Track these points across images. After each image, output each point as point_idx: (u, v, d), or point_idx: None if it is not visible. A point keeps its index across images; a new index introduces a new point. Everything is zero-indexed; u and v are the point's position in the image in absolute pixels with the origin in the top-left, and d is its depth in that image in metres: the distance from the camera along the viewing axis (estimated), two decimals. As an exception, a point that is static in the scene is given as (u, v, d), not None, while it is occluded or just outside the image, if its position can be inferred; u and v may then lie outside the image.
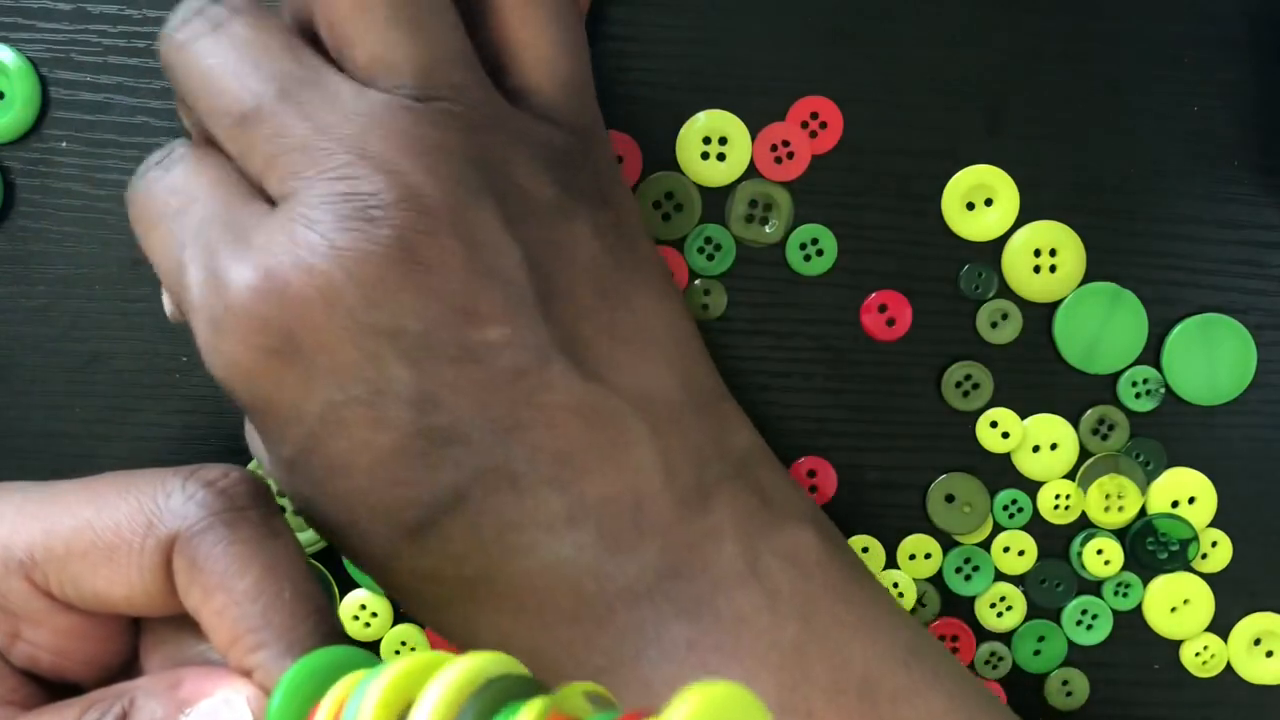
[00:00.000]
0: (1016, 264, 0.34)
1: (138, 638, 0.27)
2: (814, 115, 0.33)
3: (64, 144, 0.33)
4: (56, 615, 0.25)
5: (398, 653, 0.36)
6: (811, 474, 0.35)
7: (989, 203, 0.34)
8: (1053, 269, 0.34)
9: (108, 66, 0.32)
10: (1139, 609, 0.36)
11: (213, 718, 0.23)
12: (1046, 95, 0.34)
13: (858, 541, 0.36)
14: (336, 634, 0.25)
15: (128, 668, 0.27)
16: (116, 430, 0.35)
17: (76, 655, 0.26)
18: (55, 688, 0.26)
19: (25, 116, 0.32)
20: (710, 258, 0.34)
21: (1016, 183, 0.34)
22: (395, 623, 0.36)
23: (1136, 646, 0.37)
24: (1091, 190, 0.34)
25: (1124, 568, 0.36)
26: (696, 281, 0.34)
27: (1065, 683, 0.37)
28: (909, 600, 0.36)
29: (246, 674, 0.24)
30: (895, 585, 0.36)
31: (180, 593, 0.24)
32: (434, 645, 0.36)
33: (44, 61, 0.32)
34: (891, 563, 0.36)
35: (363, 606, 0.36)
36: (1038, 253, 0.34)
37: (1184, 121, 0.34)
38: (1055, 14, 0.33)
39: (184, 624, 0.26)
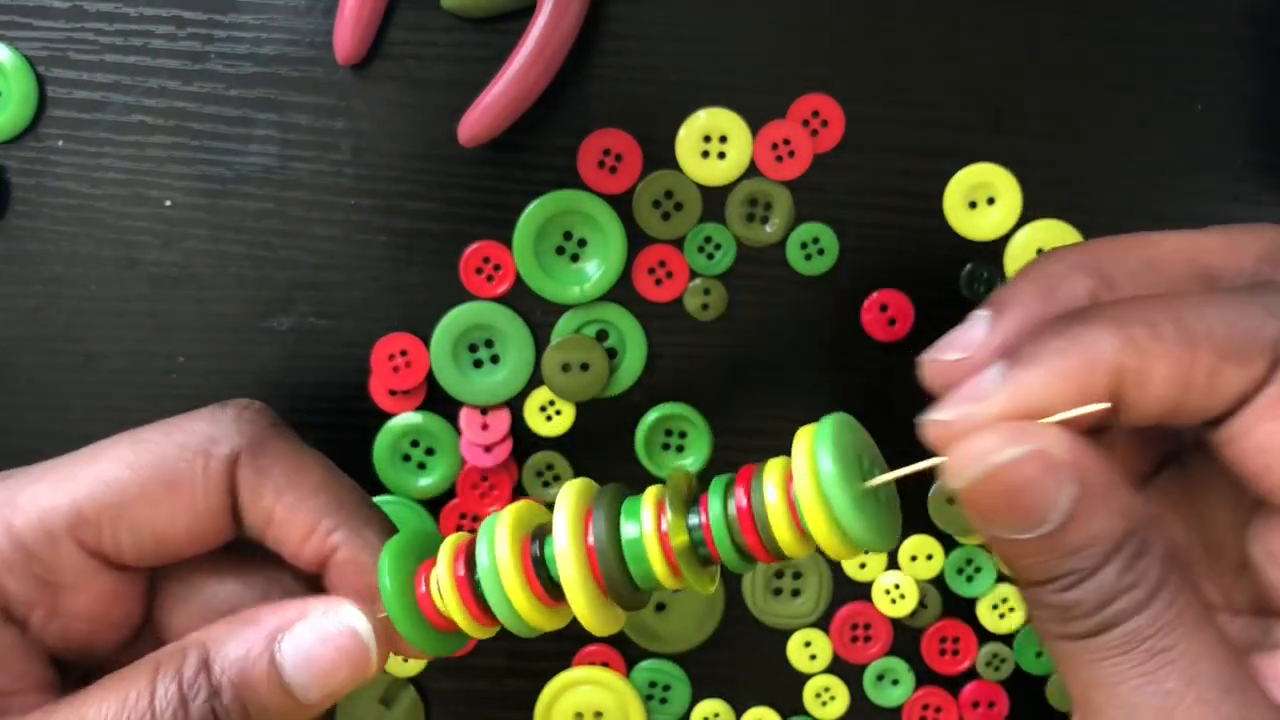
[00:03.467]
0: (1019, 263, 0.34)
1: (153, 600, 0.28)
2: (815, 114, 0.33)
3: (60, 142, 0.33)
4: (100, 577, 0.26)
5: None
6: (812, 475, 0.35)
7: (991, 202, 0.34)
8: (1054, 268, 0.34)
9: (104, 65, 0.32)
10: (1141, 610, 0.36)
11: (319, 632, 0.24)
12: (1048, 94, 0.34)
13: (859, 542, 0.36)
14: (388, 518, 0.27)
15: (141, 631, 0.27)
16: (112, 429, 0.34)
17: (111, 618, 0.26)
18: (70, 675, 0.26)
19: (21, 115, 0.32)
20: (710, 257, 0.34)
21: (1018, 181, 0.34)
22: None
23: (1139, 648, 0.37)
24: (1093, 189, 0.34)
25: (1126, 569, 0.36)
26: (696, 281, 0.34)
27: (1067, 685, 0.37)
28: (910, 602, 0.36)
29: (325, 560, 0.26)
30: (897, 586, 0.36)
31: (246, 505, 0.26)
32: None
33: (40, 59, 0.32)
34: (893, 563, 0.36)
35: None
36: (1040, 252, 0.34)
37: (1185, 121, 0.34)
38: (1056, 14, 0.33)
39: (201, 578, 0.27)
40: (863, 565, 0.36)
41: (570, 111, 0.33)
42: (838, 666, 0.37)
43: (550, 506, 0.24)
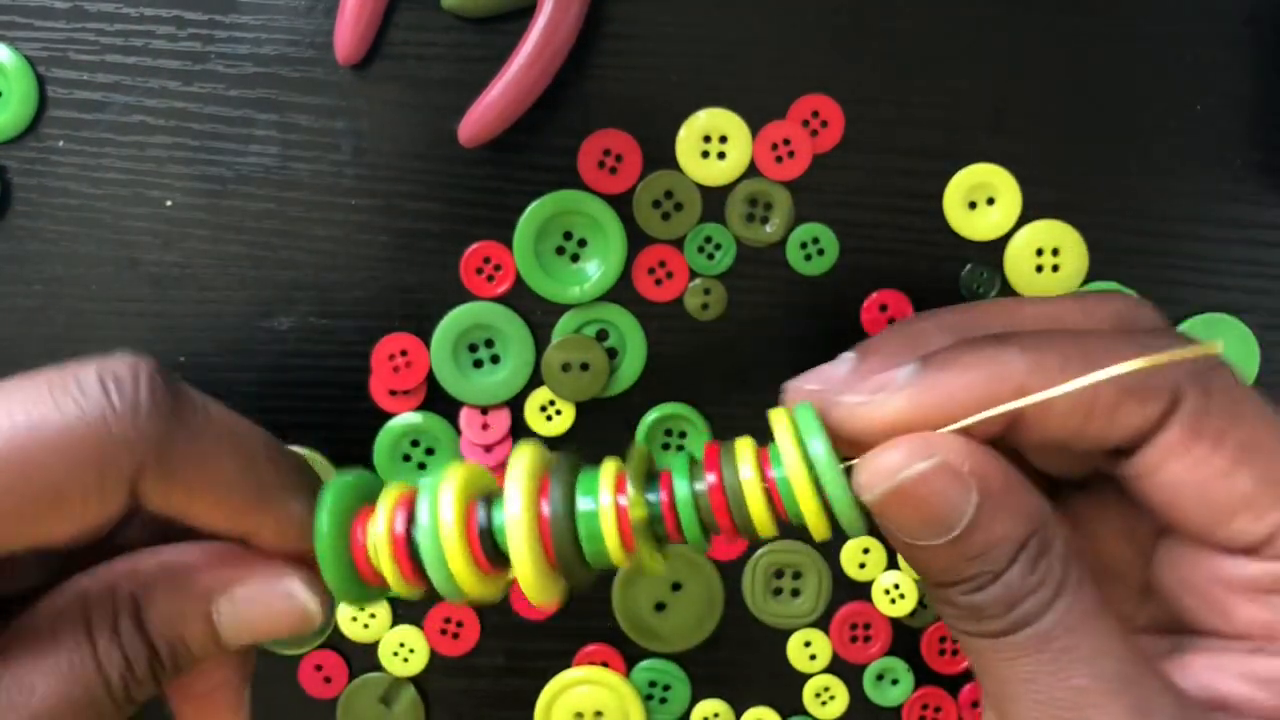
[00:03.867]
0: (1018, 263, 0.34)
1: None
2: (815, 114, 0.33)
3: (61, 143, 0.33)
4: None
5: (395, 653, 0.36)
6: (812, 474, 0.35)
7: (991, 202, 0.34)
8: (1055, 268, 0.34)
9: (105, 65, 0.32)
10: (1141, 610, 0.36)
11: (258, 598, 0.23)
12: (1048, 94, 0.34)
13: (859, 542, 0.36)
14: (316, 479, 0.25)
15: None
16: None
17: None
18: None
19: (22, 115, 0.32)
20: (710, 257, 0.34)
21: (1018, 181, 0.34)
22: (394, 624, 0.36)
23: (1139, 648, 0.37)
24: (1093, 189, 0.34)
25: (1126, 569, 0.36)
26: (696, 281, 0.34)
27: (1067, 684, 0.37)
28: (910, 601, 0.36)
29: (249, 537, 0.24)
30: (896, 586, 0.36)
31: (153, 504, 0.22)
32: (433, 645, 0.36)
33: (41, 60, 0.32)
34: (893, 563, 0.36)
35: (361, 607, 0.35)
36: (1040, 252, 0.34)
37: (1185, 121, 0.34)
38: (1056, 14, 0.33)
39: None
40: (862, 565, 0.36)
41: (570, 111, 0.33)
42: (837, 666, 0.37)
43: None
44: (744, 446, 0.23)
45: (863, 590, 0.36)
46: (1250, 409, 0.22)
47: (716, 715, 0.37)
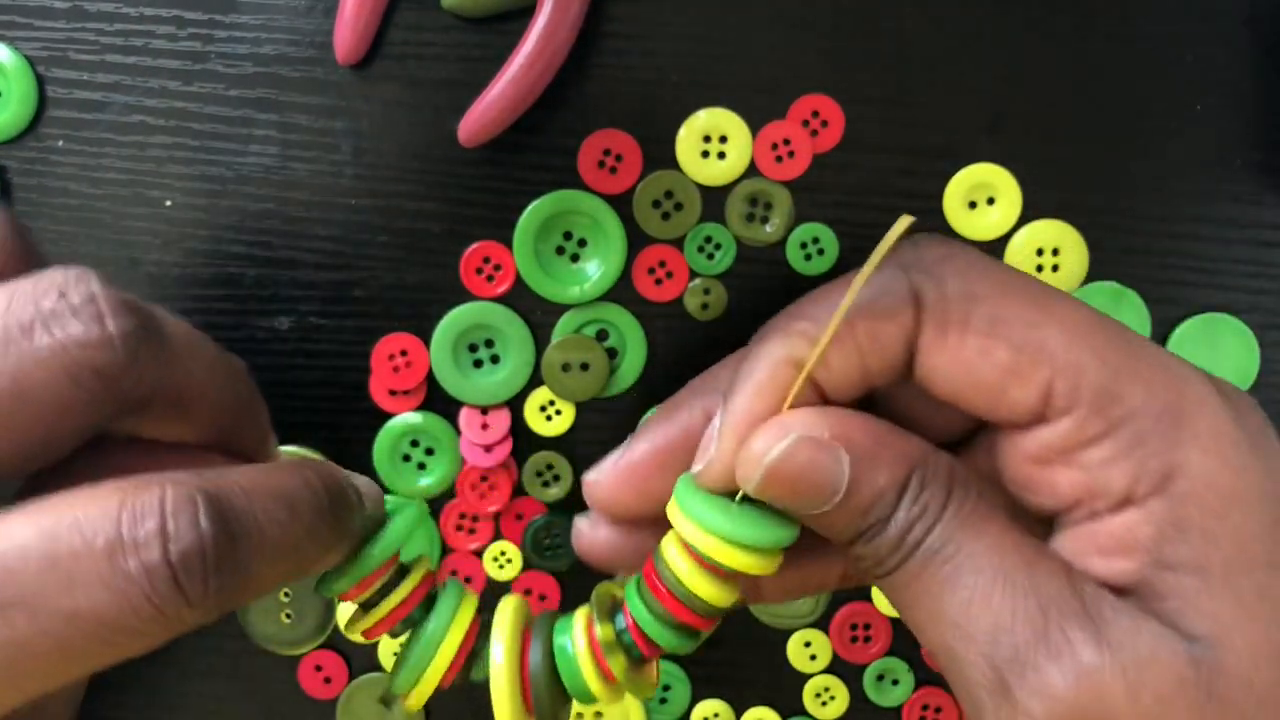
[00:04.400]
0: (1019, 263, 0.34)
1: None
2: (815, 114, 0.33)
3: (61, 143, 0.33)
4: None
5: (395, 654, 0.36)
6: (812, 475, 0.35)
7: (991, 201, 0.34)
8: (1055, 268, 0.34)
9: (105, 65, 0.32)
10: (1141, 610, 0.36)
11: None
12: (1048, 94, 0.34)
13: (859, 542, 0.36)
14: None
15: None
16: (113, 431, 0.34)
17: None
18: None
19: (22, 115, 0.32)
20: (710, 257, 0.34)
21: (1018, 181, 0.34)
22: (393, 625, 0.36)
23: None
24: (1093, 189, 0.34)
25: (1126, 569, 0.36)
26: (696, 281, 0.34)
27: (1067, 685, 0.37)
28: (910, 602, 0.36)
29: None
30: (896, 587, 0.36)
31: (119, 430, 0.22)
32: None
33: (41, 60, 0.32)
34: (893, 564, 0.36)
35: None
36: (1040, 252, 0.34)
37: (1185, 121, 0.34)
38: (1056, 13, 0.33)
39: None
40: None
41: (570, 111, 0.33)
42: (837, 666, 0.37)
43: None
44: (668, 542, 0.24)
45: (863, 590, 0.36)
46: (987, 284, 0.23)
47: (716, 715, 0.37)
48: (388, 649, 0.36)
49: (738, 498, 0.23)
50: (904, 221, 0.22)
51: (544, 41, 0.31)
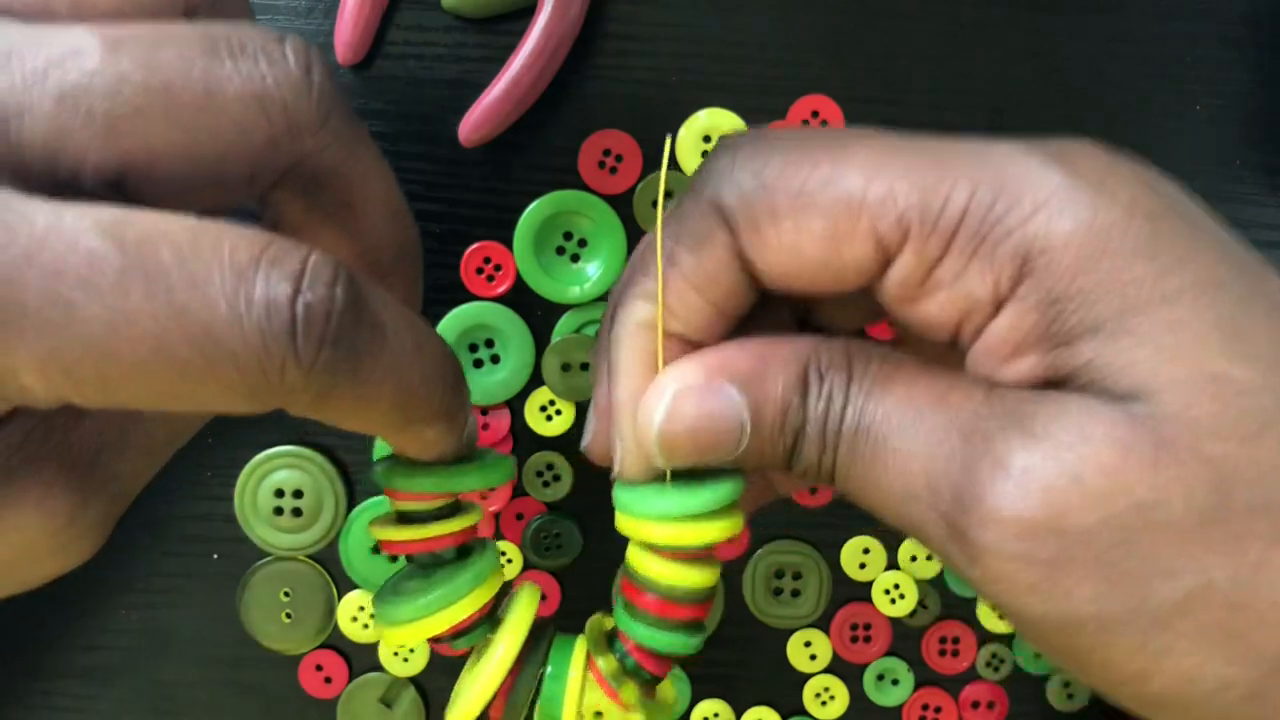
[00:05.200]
0: (1018, 263, 0.34)
1: None
2: (815, 114, 0.33)
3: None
4: None
5: (396, 654, 0.36)
6: (812, 474, 0.35)
7: (990, 202, 0.34)
8: (1054, 268, 0.34)
9: (105, 65, 0.32)
10: (1141, 610, 0.36)
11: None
12: (1047, 94, 0.34)
13: (859, 542, 0.36)
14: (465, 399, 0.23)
15: None
16: (113, 431, 0.34)
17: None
18: None
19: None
20: (710, 257, 0.34)
21: (1018, 182, 0.34)
22: (394, 624, 0.36)
23: (1139, 648, 0.37)
24: (1093, 189, 0.34)
25: (1126, 569, 0.36)
26: (697, 281, 0.34)
27: (1067, 685, 0.37)
28: (910, 601, 0.36)
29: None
30: (896, 586, 0.36)
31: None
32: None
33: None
34: (893, 564, 0.36)
35: (361, 608, 0.35)
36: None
37: (1185, 121, 0.34)
38: (1056, 14, 0.33)
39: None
40: (862, 565, 0.36)
41: (570, 111, 0.33)
42: (837, 666, 0.37)
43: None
44: (631, 551, 0.24)
45: (863, 590, 0.36)
46: (776, 164, 0.21)
47: (716, 715, 0.37)
48: (388, 649, 0.36)
49: (667, 478, 0.23)
50: (666, 145, 0.22)
51: (544, 41, 0.31)
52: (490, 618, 0.24)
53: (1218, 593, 0.19)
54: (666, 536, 0.23)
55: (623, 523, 0.23)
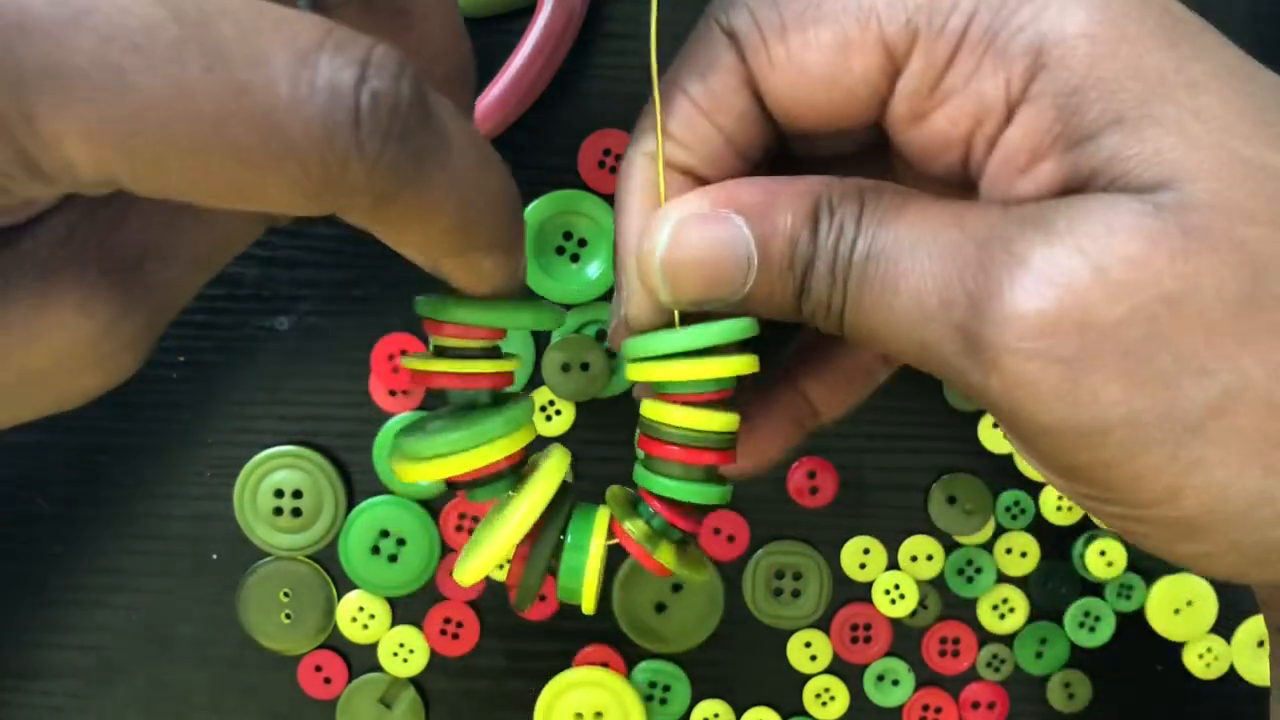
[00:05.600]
0: (1018, 263, 0.34)
1: None
2: (815, 114, 0.33)
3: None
4: None
5: (395, 654, 0.36)
6: (812, 474, 0.35)
7: (990, 202, 0.34)
8: (1054, 268, 0.34)
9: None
10: (1142, 610, 0.36)
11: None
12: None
13: (859, 543, 0.36)
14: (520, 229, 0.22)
15: None
16: (114, 429, 0.34)
17: None
18: None
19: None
20: (711, 257, 0.34)
21: (1018, 182, 0.34)
22: (393, 624, 0.36)
23: (1139, 648, 0.37)
24: (1093, 189, 0.34)
25: (1127, 569, 0.36)
26: (697, 281, 0.34)
27: (1067, 685, 0.37)
28: (910, 602, 0.36)
29: None
30: (896, 586, 0.36)
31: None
32: (433, 645, 0.36)
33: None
34: (893, 564, 0.36)
35: (360, 608, 0.35)
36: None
37: (1185, 121, 0.34)
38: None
39: None
40: (863, 566, 0.36)
41: (570, 111, 0.33)
42: (838, 667, 0.37)
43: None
44: (646, 406, 0.23)
45: (863, 591, 0.36)
46: None
47: (716, 716, 0.37)
48: (388, 649, 0.36)
49: (677, 322, 0.22)
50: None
51: (544, 41, 0.31)
52: (515, 472, 0.23)
53: (1255, 393, 0.18)
54: (681, 373, 0.22)
55: (634, 370, 0.22)
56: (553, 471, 0.22)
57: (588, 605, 0.23)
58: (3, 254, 0.17)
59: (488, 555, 0.22)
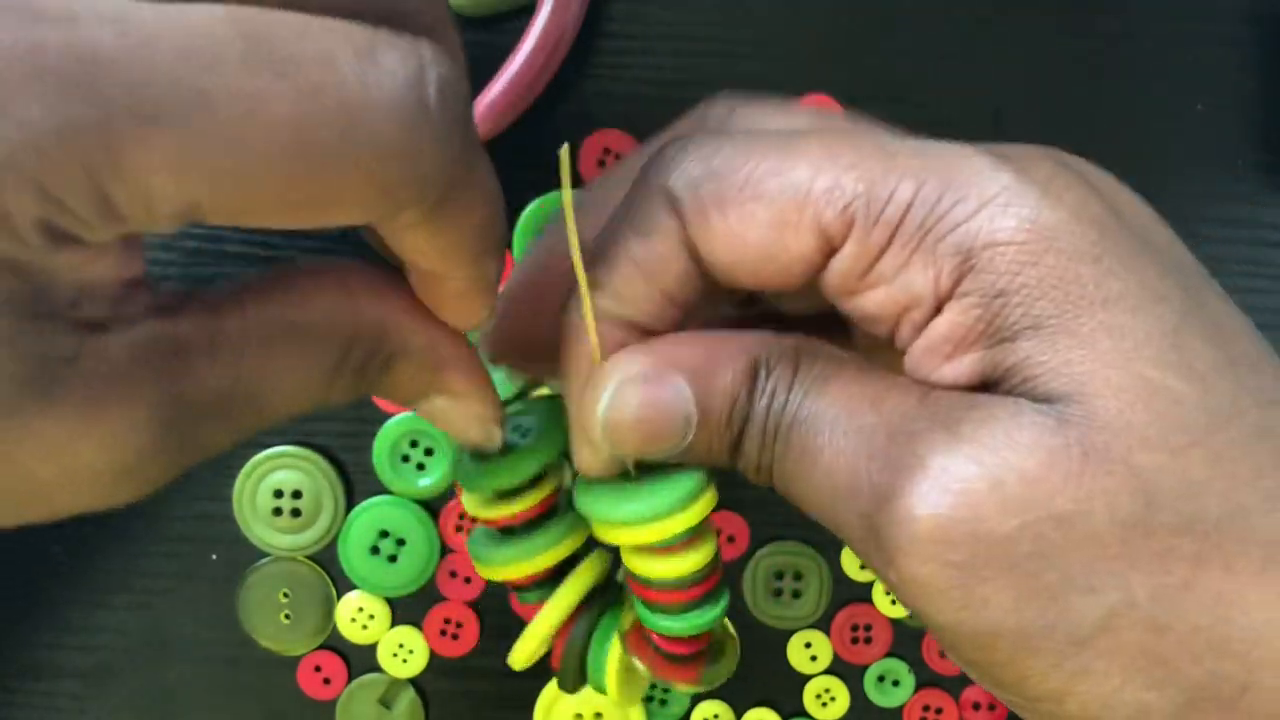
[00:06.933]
0: (1018, 263, 0.34)
1: None
2: (814, 114, 0.33)
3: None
4: None
5: (395, 655, 0.36)
6: (812, 475, 0.35)
7: (990, 202, 0.34)
8: (1054, 268, 0.34)
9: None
10: (1142, 611, 0.36)
11: (457, 416, 0.23)
12: (1048, 94, 0.34)
13: (859, 543, 0.36)
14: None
15: None
16: (113, 431, 0.34)
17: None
18: None
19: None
20: (710, 257, 0.34)
21: (1018, 181, 0.34)
22: (393, 625, 0.36)
23: (1140, 649, 0.37)
24: (1093, 189, 0.34)
25: (1127, 569, 0.36)
26: (697, 281, 0.34)
27: (1068, 686, 0.37)
28: (911, 602, 0.36)
29: None
30: (897, 587, 0.36)
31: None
32: (433, 646, 0.36)
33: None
34: (893, 564, 0.36)
35: (360, 609, 0.35)
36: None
37: (1185, 121, 0.34)
38: (1056, 14, 0.33)
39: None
40: (863, 566, 0.36)
41: (570, 111, 0.33)
42: (838, 667, 0.37)
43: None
44: (623, 552, 0.24)
45: (864, 591, 0.36)
46: (727, 154, 0.21)
47: (716, 716, 0.37)
48: (387, 649, 0.36)
49: (632, 471, 0.22)
50: (564, 154, 0.20)
51: (544, 41, 0.31)
52: (560, 575, 0.25)
53: (1140, 612, 0.18)
54: (643, 537, 0.22)
55: (599, 530, 0.23)
56: (576, 583, 0.24)
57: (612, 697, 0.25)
58: (90, 340, 0.17)
59: (521, 650, 0.25)
